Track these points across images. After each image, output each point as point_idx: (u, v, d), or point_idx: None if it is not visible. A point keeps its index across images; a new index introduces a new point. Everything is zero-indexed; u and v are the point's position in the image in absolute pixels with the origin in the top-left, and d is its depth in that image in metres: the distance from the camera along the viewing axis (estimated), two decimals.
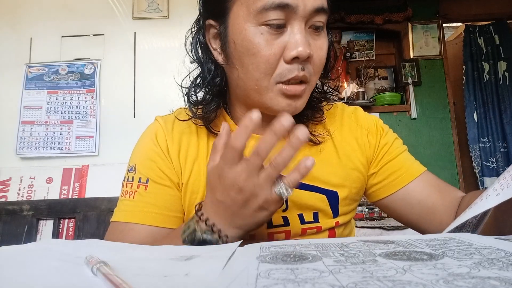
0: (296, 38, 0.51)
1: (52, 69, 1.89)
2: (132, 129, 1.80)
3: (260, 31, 0.52)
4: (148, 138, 0.64)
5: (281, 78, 0.53)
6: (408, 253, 0.31)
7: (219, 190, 0.45)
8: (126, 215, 0.60)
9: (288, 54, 0.52)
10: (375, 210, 2.08)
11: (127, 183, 0.62)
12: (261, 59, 0.52)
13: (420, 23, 2.96)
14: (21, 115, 1.84)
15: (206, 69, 0.62)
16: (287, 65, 0.53)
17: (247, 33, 0.53)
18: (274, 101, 0.55)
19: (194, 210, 0.49)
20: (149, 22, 1.93)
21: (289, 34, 0.52)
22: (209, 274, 0.29)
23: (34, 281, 0.29)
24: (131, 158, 0.65)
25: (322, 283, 0.23)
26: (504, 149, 2.82)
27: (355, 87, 2.91)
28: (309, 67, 0.54)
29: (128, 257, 0.38)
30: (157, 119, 0.67)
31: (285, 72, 0.53)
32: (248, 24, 0.53)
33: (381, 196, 0.67)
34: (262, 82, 0.54)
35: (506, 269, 0.26)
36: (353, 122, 0.69)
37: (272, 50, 0.52)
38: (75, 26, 1.91)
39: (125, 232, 0.59)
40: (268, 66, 0.53)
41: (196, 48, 0.63)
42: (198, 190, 0.61)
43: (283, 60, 0.53)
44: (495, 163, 2.77)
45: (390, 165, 0.67)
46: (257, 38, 0.52)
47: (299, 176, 0.42)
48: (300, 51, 0.51)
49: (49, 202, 1.62)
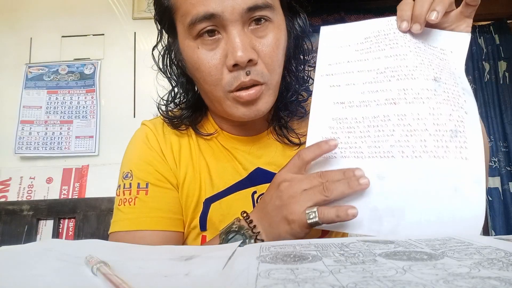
0: (233, 45, 0.49)
1: (52, 69, 1.89)
2: (132, 129, 1.77)
3: (197, 45, 0.52)
4: (141, 142, 0.63)
5: (229, 87, 0.52)
6: (408, 253, 0.31)
7: (269, 187, 0.48)
8: (132, 223, 0.57)
9: (227, 62, 0.50)
10: None
11: (124, 191, 0.59)
12: (204, 72, 0.52)
13: None
14: (20, 114, 1.84)
15: (179, 86, 0.62)
16: (231, 73, 0.51)
17: (188, 50, 0.53)
18: (233, 109, 0.54)
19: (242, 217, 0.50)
20: (149, 22, 1.92)
21: (225, 41, 0.51)
22: (209, 274, 0.29)
23: (34, 281, 0.29)
24: (124, 165, 0.62)
25: (322, 283, 0.23)
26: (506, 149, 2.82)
27: None
28: (257, 69, 0.51)
29: (128, 257, 0.38)
30: (145, 123, 0.66)
31: (231, 80, 0.51)
32: (187, 40, 0.53)
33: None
34: (215, 93, 0.54)
35: (506, 269, 0.26)
36: None
37: (212, 62, 0.51)
38: (75, 26, 1.92)
39: (135, 240, 0.55)
40: (213, 78, 0.52)
41: (166, 69, 0.63)
42: (194, 193, 0.60)
43: (226, 68, 0.51)
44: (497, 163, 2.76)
45: None
46: (196, 53, 0.52)
47: (335, 217, 0.41)
48: (238, 57, 0.49)
49: (49, 202, 1.62)
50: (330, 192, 0.42)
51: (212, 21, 0.50)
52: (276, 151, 0.64)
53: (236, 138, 0.63)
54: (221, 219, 0.60)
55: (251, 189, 0.62)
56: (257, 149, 0.63)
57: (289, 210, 0.43)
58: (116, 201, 0.60)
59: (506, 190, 2.41)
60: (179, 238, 0.61)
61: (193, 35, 0.51)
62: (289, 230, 0.44)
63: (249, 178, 0.62)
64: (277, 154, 0.63)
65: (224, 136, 0.63)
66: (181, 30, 0.54)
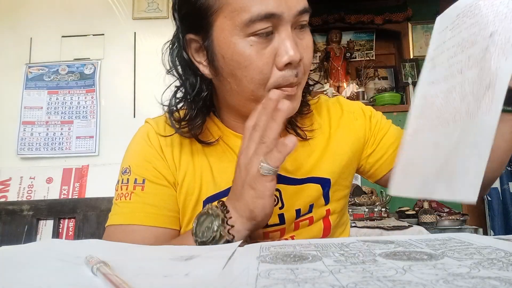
0: (286, 44, 0.51)
1: (52, 69, 1.89)
2: (132, 129, 1.77)
3: (249, 42, 0.51)
4: (141, 139, 0.64)
5: (276, 86, 0.53)
6: (408, 253, 0.31)
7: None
8: (126, 217, 0.59)
9: (280, 60, 0.51)
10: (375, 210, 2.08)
11: (121, 186, 0.61)
12: (255, 71, 0.52)
13: (420, 23, 2.96)
14: (22, 115, 1.84)
15: (189, 84, 0.60)
16: (280, 72, 0.52)
17: (236, 47, 0.52)
18: None
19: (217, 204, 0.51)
20: (149, 22, 1.93)
21: (277, 40, 0.52)
22: (209, 274, 0.29)
23: (34, 281, 0.29)
24: (124, 161, 0.64)
25: (322, 283, 0.23)
26: None
27: (355, 87, 2.91)
28: (300, 70, 0.53)
29: (128, 257, 0.38)
30: (148, 121, 0.67)
31: (279, 80, 0.52)
32: (235, 37, 0.51)
33: (385, 171, 0.68)
34: (257, 92, 0.54)
35: (506, 269, 0.26)
36: (339, 110, 0.70)
37: (264, 60, 0.51)
38: (75, 26, 1.91)
39: (127, 234, 0.57)
40: (262, 77, 0.52)
41: (175, 64, 0.61)
42: (193, 192, 0.61)
43: (275, 67, 0.52)
44: None
45: (385, 139, 0.69)
46: (248, 50, 0.51)
47: (279, 155, 0.44)
48: (292, 56, 0.50)
49: (49, 202, 1.62)
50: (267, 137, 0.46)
51: (271, 20, 0.50)
52: None
53: (239, 137, 0.63)
54: None
55: None
56: None
57: (251, 176, 0.47)
58: (115, 195, 0.62)
59: (505, 190, 2.41)
60: (172, 236, 0.61)
61: (246, 33, 0.51)
62: (254, 193, 0.47)
63: None
64: None
65: (229, 135, 0.64)
66: (226, 27, 0.52)
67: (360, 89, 2.92)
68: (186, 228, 0.62)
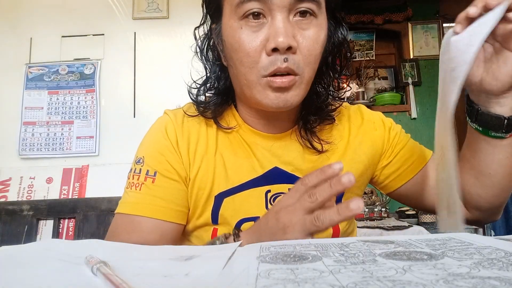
0: (276, 29, 0.51)
1: (52, 69, 1.89)
2: (132, 129, 1.80)
3: (240, 25, 0.53)
4: (158, 130, 0.64)
5: (265, 71, 0.53)
6: (408, 253, 0.31)
7: (268, 212, 0.48)
8: (133, 207, 0.59)
9: (267, 46, 0.51)
10: (375, 210, 2.08)
11: (133, 175, 0.61)
12: (243, 53, 0.53)
13: (420, 23, 2.96)
14: (23, 115, 1.84)
15: (212, 71, 0.64)
16: (269, 57, 0.52)
17: (231, 30, 0.54)
18: (262, 95, 0.55)
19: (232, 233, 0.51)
20: (149, 22, 1.93)
21: (269, 25, 0.52)
22: (209, 274, 0.29)
23: (34, 281, 0.29)
24: (139, 150, 0.64)
25: (322, 283, 0.23)
26: None
27: (355, 87, 2.91)
28: (294, 58, 0.52)
29: (128, 257, 0.38)
30: (167, 113, 0.67)
31: (267, 65, 0.52)
32: (232, 21, 0.54)
33: (399, 184, 0.68)
34: (249, 77, 0.54)
35: (506, 269, 0.26)
36: (359, 118, 0.70)
37: (252, 44, 0.52)
38: (75, 26, 1.91)
39: (132, 224, 0.58)
40: (250, 60, 0.53)
41: (203, 53, 0.64)
42: (206, 186, 0.61)
43: (265, 52, 0.52)
44: None
45: (403, 152, 0.68)
46: (238, 33, 0.53)
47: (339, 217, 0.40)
48: (279, 41, 0.50)
49: (49, 202, 1.62)
50: (317, 195, 0.42)
51: (261, 3, 0.51)
52: (297, 152, 0.64)
53: (259, 134, 0.64)
54: (233, 214, 0.61)
55: (265, 187, 0.62)
56: (278, 148, 0.64)
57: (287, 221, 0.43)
58: (126, 183, 0.63)
59: None
60: (177, 230, 0.62)
61: (239, 15, 0.53)
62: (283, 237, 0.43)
63: (264, 176, 0.62)
64: (297, 156, 0.64)
65: (246, 130, 0.64)
66: (227, 11, 0.55)
67: (360, 89, 2.92)
68: (197, 221, 0.62)
